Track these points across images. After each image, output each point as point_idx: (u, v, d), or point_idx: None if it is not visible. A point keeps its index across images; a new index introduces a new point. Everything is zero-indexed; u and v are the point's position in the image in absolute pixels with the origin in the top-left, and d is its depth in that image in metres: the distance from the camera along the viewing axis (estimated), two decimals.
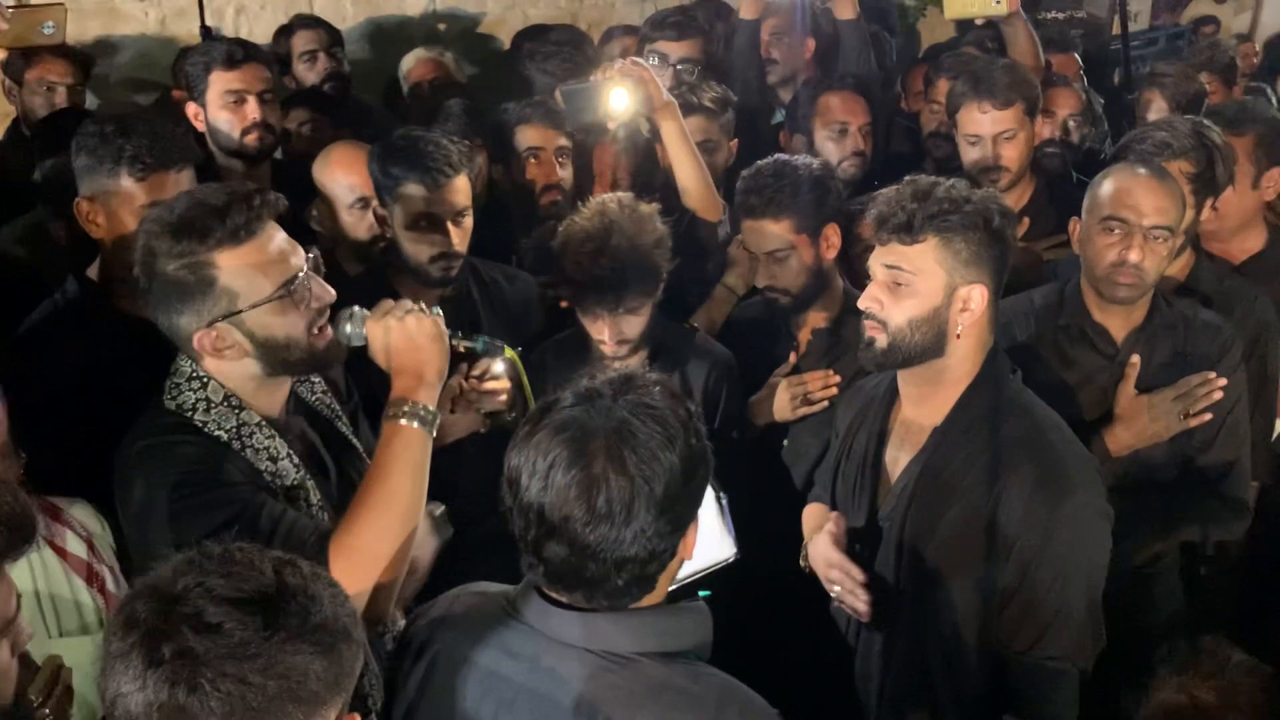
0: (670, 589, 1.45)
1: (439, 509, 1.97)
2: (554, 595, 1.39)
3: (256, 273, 1.73)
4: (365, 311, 1.84)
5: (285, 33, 4.00)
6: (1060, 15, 5.18)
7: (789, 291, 2.57)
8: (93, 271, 2.31)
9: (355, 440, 2.01)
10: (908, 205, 1.90)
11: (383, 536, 1.69)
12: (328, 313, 1.82)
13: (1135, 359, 2.35)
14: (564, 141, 3.04)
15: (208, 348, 1.75)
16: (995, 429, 1.90)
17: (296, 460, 1.83)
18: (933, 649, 1.95)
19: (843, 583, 1.97)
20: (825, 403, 2.53)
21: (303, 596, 1.13)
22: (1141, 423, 2.32)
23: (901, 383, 2.02)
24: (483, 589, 1.55)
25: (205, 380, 1.79)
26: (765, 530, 2.21)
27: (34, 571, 1.72)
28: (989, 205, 1.92)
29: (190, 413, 1.77)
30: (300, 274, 1.77)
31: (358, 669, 1.18)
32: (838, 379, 2.53)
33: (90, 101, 3.78)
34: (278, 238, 1.78)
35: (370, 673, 1.71)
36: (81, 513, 1.88)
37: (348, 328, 1.83)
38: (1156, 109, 3.50)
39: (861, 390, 2.20)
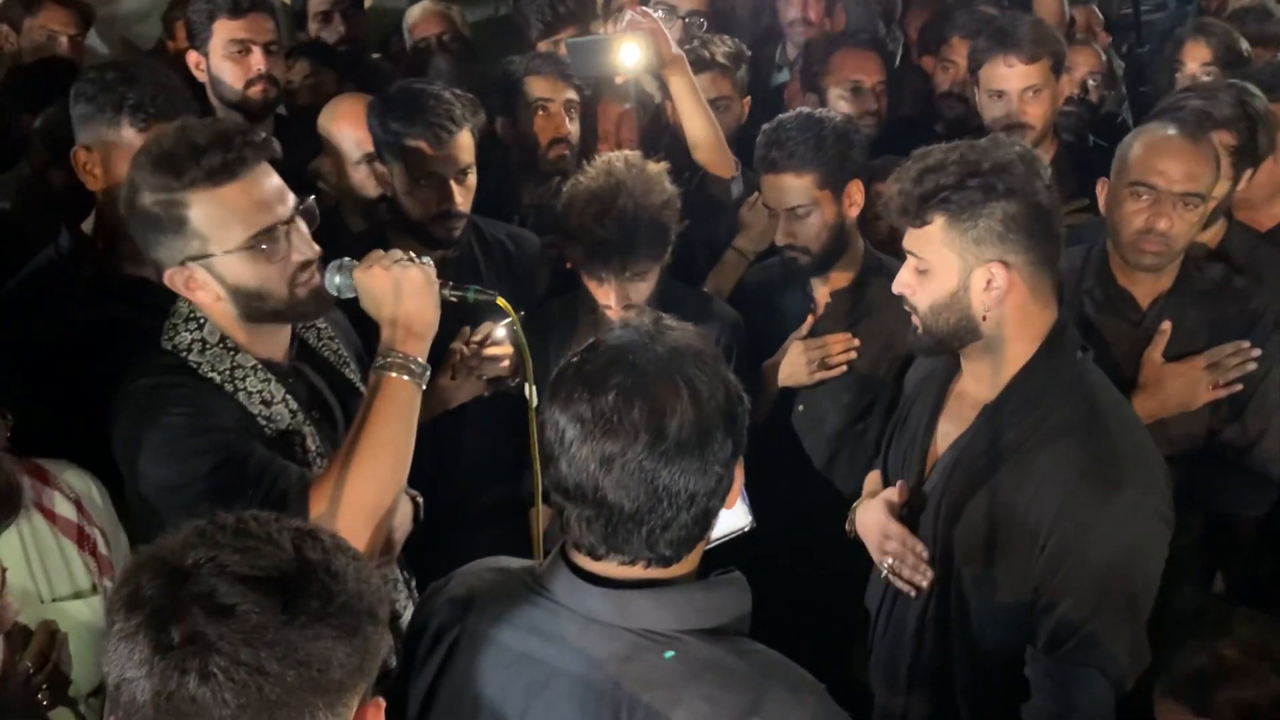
0: None
1: (418, 497, 1.92)
2: (588, 567, 1.30)
3: (231, 218, 1.69)
4: (354, 262, 1.78)
5: None
6: None
7: (809, 250, 2.49)
8: (87, 225, 2.24)
9: (362, 387, 1.95)
10: (907, 187, 1.80)
11: (366, 486, 1.65)
12: (312, 266, 1.76)
13: (1165, 325, 2.28)
14: (573, 95, 2.95)
15: (180, 285, 1.73)
16: (1048, 411, 1.79)
17: (294, 405, 1.80)
18: (957, 639, 1.87)
19: (901, 555, 1.89)
20: (844, 367, 2.47)
21: (324, 574, 1.02)
22: (1167, 391, 2.25)
23: (961, 355, 1.92)
24: (503, 564, 1.46)
25: (202, 321, 1.77)
26: (775, 499, 2.17)
27: (23, 537, 1.67)
28: (1006, 170, 1.76)
29: (186, 353, 1.76)
30: (279, 225, 1.71)
31: (382, 651, 1.08)
32: (857, 343, 2.47)
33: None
34: (263, 183, 1.72)
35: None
36: (71, 475, 1.82)
37: (336, 278, 1.78)
38: (1196, 58, 3.32)
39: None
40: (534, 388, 1.82)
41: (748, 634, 1.33)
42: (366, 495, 1.65)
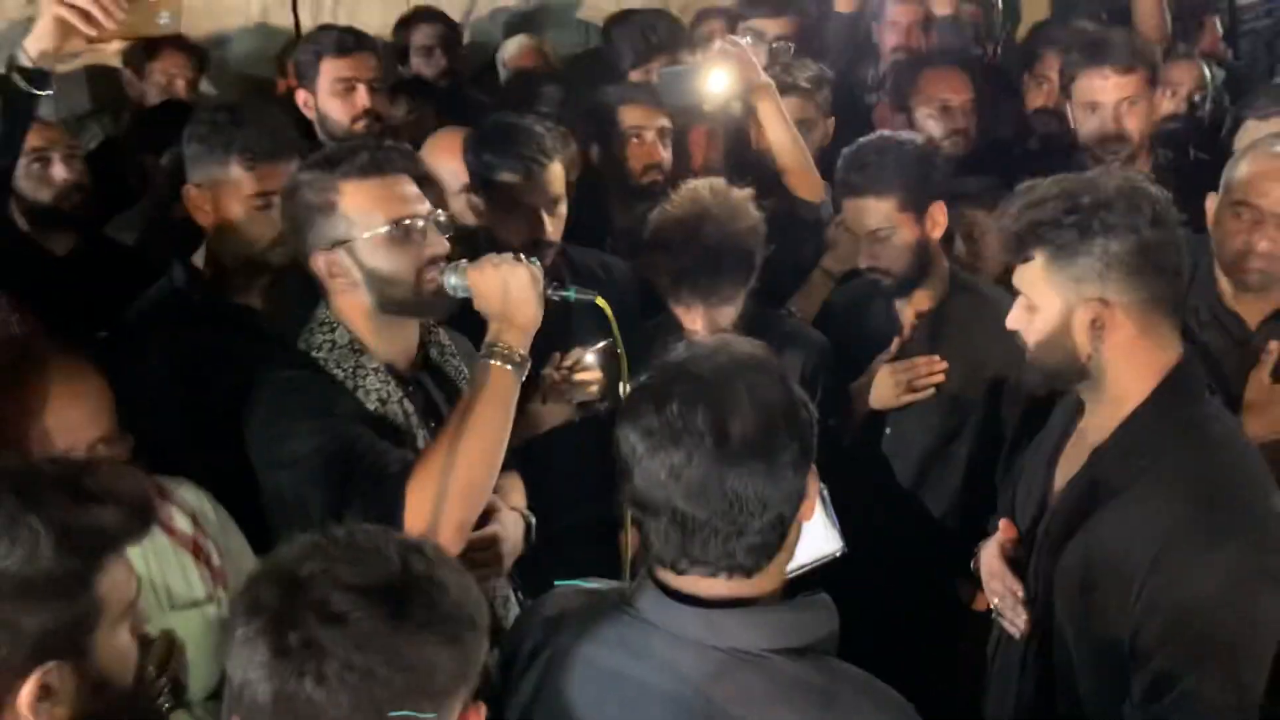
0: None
1: (530, 518, 1.99)
2: (675, 585, 1.32)
3: (374, 206, 1.88)
4: (468, 263, 1.90)
5: (405, 24, 4.06)
6: None
7: (891, 272, 2.49)
8: (198, 259, 2.36)
9: None
10: (1008, 223, 1.76)
11: (461, 464, 1.74)
12: (441, 263, 1.91)
13: (1273, 345, 2.20)
14: (666, 122, 3.00)
15: (323, 269, 1.91)
16: (1159, 455, 1.70)
17: (410, 409, 1.93)
18: (1060, 685, 1.80)
19: (1002, 595, 1.86)
20: (931, 390, 2.46)
21: (428, 584, 1.10)
22: (1275, 413, 2.17)
23: (1080, 393, 1.86)
24: (593, 586, 1.50)
25: (334, 325, 1.93)
26: (866, 524, 2.16)
27: (144, 549, 1.76)
28: (1106, 206, 1.68)
29: (316, 352, 1.92)
30: (417, 218, 1.89)
31: (482, 657, 1.15)
32: (944, 365, 2.45)
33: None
34: (405, 185, 1.93)
35: None
36: (186, 491, 1.92)
37: (451, 278, 1.90)
38: None
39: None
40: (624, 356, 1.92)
41: (835, 654, 1.33)
42: (463, 475, 1.74)
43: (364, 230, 1.87)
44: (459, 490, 1.74)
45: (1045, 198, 1.73)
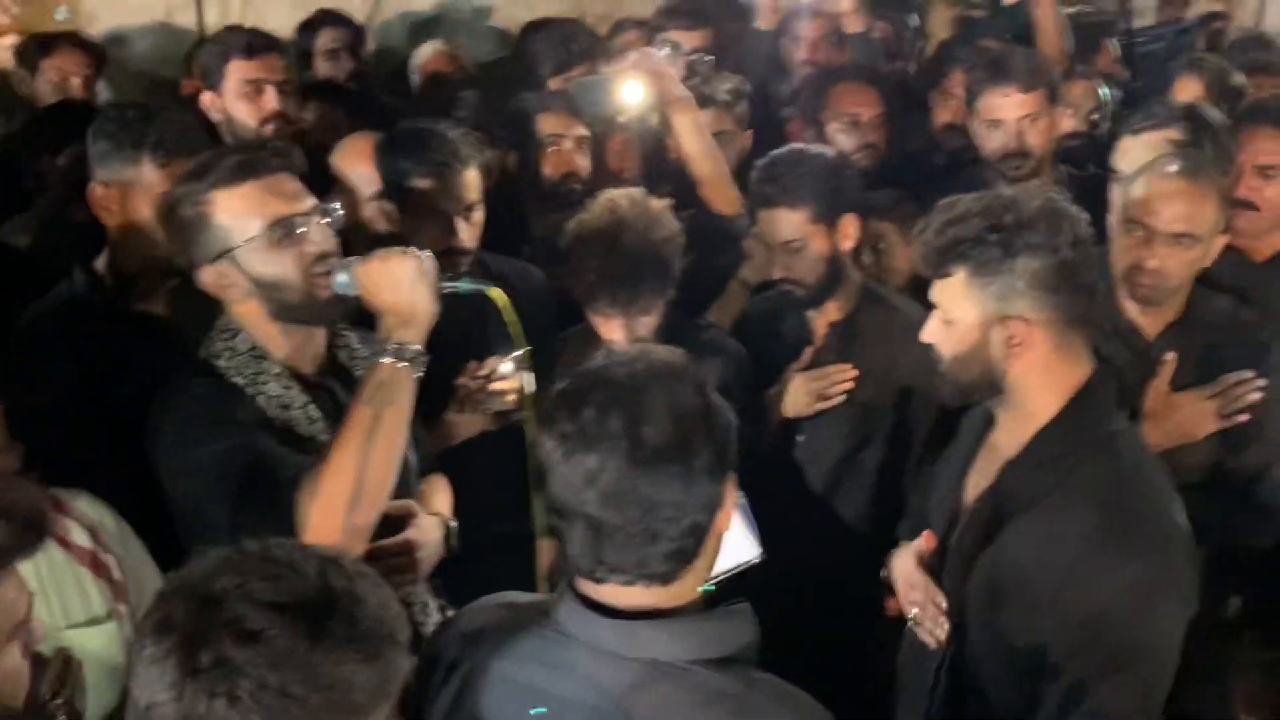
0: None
1: (451, 522, 1.96)
2: (596, 596, 1.32)
3: (249, 211, 1.82)
4: (357, 259, 1.85)
5: (310, 27, 3.97)
6: (1069, 10, 5.13)
7: (804, 283, 2.53)
8: (101, 263, 2.29)
9: None
10: (930, 238, 1.77)
11: (357, 467, 1.70)
12: (330, 259, 1.85)
13: (1170, 356, 2.29)
14: (583, 131, 3.00)
15: (211, 284, 1.87)
16: (1068, 471, 1.73)
17: (316, 414, 1.88)
18: (970, 696, 1.83)
19: (923, 605, 1.87)
20: (843, 397, 2.49)
21: (347, 599, 1.06)
22: (1172, 421, 2.26)
23: (993, 407, 1.89)
24: (511, 599, 1.48)
25: (235, 332, 1.89)
26: (779, 530, 2.18)
27: (38, 565, 1.69)
28: (1028, 226, 1.71)
29: (216, 360, 1.88)
30: (296, 216, 1.83)
31: (403, 673, 1.11)
32: (855, 373, 2.50)
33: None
34: (282, 183, 1.86)
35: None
36: (84, 503, 1.85)
37: (341, 276, 1.85)
38: (1189, 93, 3.34)
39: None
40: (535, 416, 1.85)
41: (756, 664, 1.34)
42: (360, 477, 1.70)
43: (241, 237, 1.82)
44: (356, 493, 1.70)
45: (967, 215, 1.76)
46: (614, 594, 1.31)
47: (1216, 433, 2.28)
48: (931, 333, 1.84)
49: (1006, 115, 2.98)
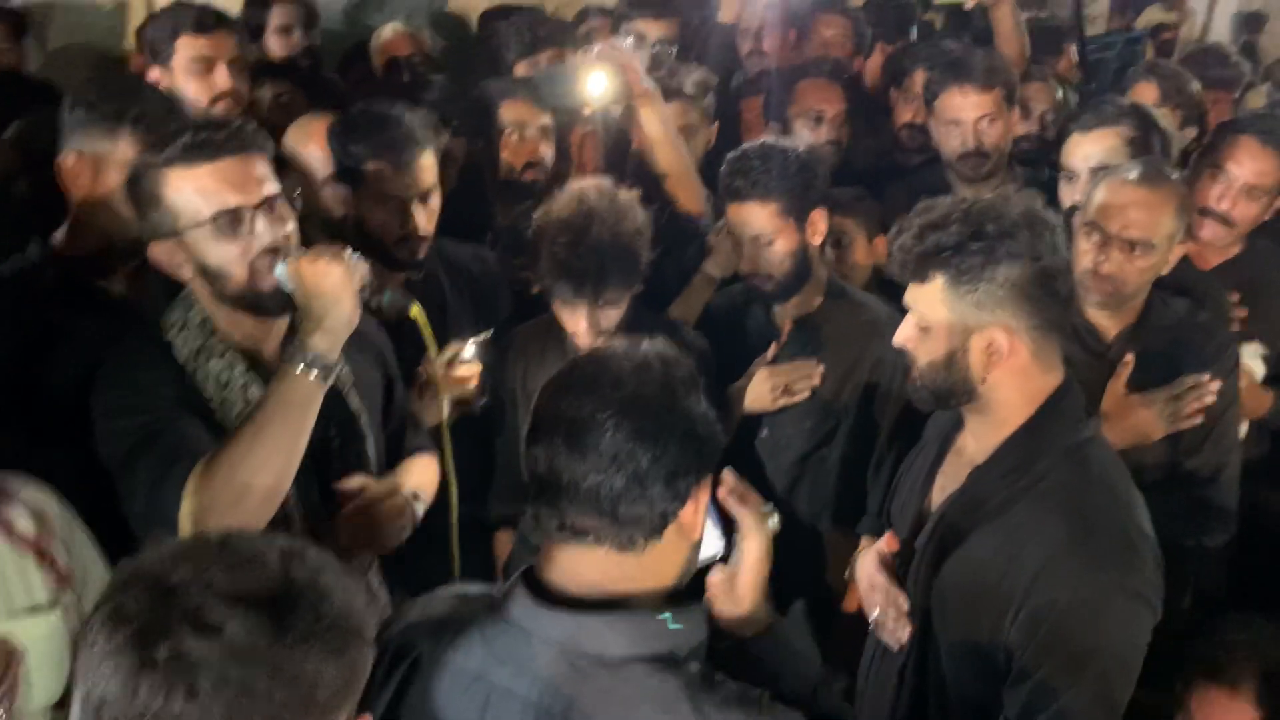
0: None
1: (418, 499, 1.93)
2: (549, 577, 1.32)
3: (198, 196, 1.76)
4: (302, 252, 1.80)
5: (261, 3, 3.88)
6: (1026, 15, 5.19)
7: (772, 278, 2.52)
8: (59, 236, 2.20)
9: (350, 401, 1.98)
10: (908, 242, 1.74)
11: (245, 470, 1.66)
12: (279, 253, 1.79)
13: (1129, 357, 2.32)
14: (547, 120, 2.96)
15: (163, 258, 1.82)
16: (1037, 478, 1.73)
17: (253, 395, 1.82)
18: (933, 700, 1.83)
19: (884, 607, 1.86)
20: (807, 393, 2.49)
21: (312, 593, 1.02)
22: (1129, 423, 2.28)
23: (962, 411, 1.86)
24: (462, 590, 1.47)
25: (191, 304, 1.85)
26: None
27: None
28: (1009, 235, 1.69)
29: (169, 331, 1.84)
30: (245, 208, 1.77)
31: (368, 669, 1.07)
32: (820, 369, 2.49)
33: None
34: (237, 169, 1.78)
35: None
36: (29, 490, 1.78)
37: (280, 269, 1.79)
38: (1145, 98, 3.36)
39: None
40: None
41: (704, 661, 1.33)
42: (246, 481, 1.65)
43: (190, 221, 1.77)
44: (238, 497, 1.65)
45: (947, 220, 1.73)
46: (573, 563, 1.31)
47: (1172, 434, 2.31)
48: (906, 338, 1.82)
49: (964, 115, 3.01)
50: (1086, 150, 2.69)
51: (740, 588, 1.51)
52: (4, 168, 2.72)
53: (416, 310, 1.89)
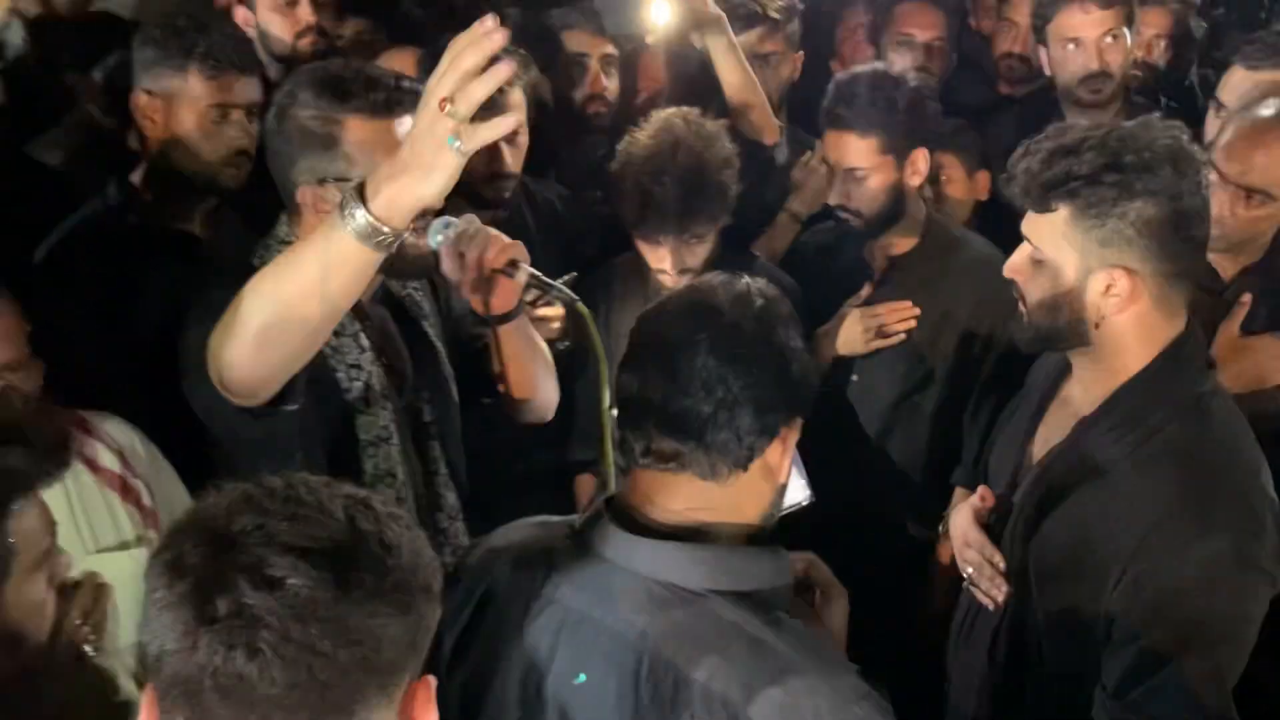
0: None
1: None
2: (633, 504, 1.30)
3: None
4: (457, 222, 1.75)
5: None
6: None
7: (861, 214, 2.41)
8: (137, 177, 2.22)
9: (438, 342, 1.95)
10: (1034, 167, 1.59)
11: (261, 310, 1.46)
12: (426, 221, 1.73)
13: (1246, 298, 2.17)
14: (610, 49, 2.88)
15: (309, 201, 1.74)
16: (1152, 431, 1.61)
17: (365, 343, 1.79)
18: (1030, 662, 1.74)
19: (979, 565, 1.77)
20: (902, 336, 2.39)
21: (378, 546, 0.95)
22: (1242, 365, 2.12)
23: (1070, 357, 1.74)
24: (543, 519, 1.46)
25: (290, 242, 1.77)
26: (830, 472, 2.11)
27: (67, 488, 1.65)
28: (1150, 169, 1.55)
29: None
30: None
31: (434, 626, 1.01)
32: (915, 311, 2.39)
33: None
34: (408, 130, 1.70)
35: None
36: (112, 426, 1.80)
37: (437, 236, 1.74)
38: None
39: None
40: (603, 357, 1.76)
41: (787, 609, 1.29)
42: (256, 317, 1.46)
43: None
44: (251, 334, 1.46)
45: (1082, 146, 1.59)
46: (656, 490, 1.29)
47: None
48: (1017, 269, 1.70)
49: (1086, 33, 2.81)
50: (1246, 90, 2.47)
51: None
52: (91, 109, 2.75)
53: (583, 306, 1.82)
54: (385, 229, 1.39)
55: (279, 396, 1.56)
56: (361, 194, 1.40)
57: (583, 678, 1.28)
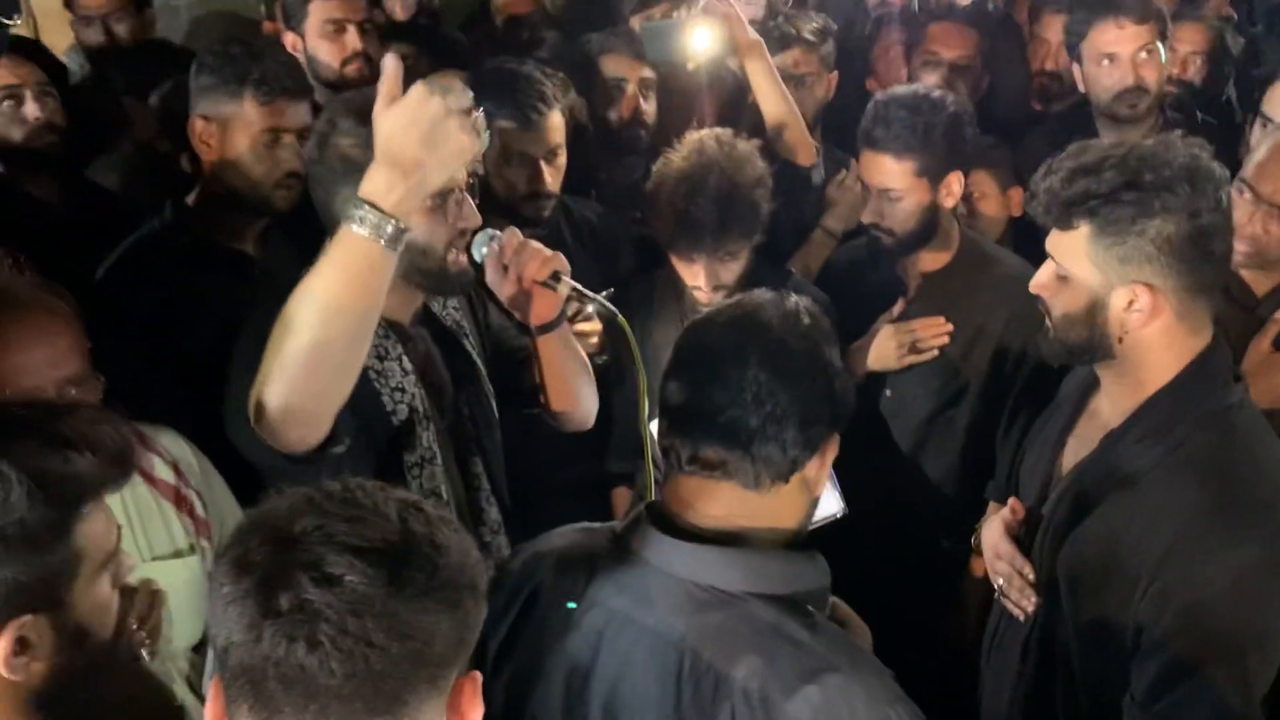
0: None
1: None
2: (674, 509, 1.34)
3: None
4: (501, 235, 1.79)
5: None
6: None
7: (894, 233, 2.43)
8: (191, 198, 2.30)
9: (479, 360, 1.97)
10: (1055, 186, 1.61)
11: (297, 335, 1.47)
12: (469, 236, 1.76)
13: (1277, 314, 2.17)
14: (648, 74, 2.92)
15: None
16: (1177, 444, 1.62)
17: (408, 365, 1.80)
18: (1060, 673, 1.75)
19: (1009, 576, 1.79)
20: (935, 351, 2.40)
21: (429, 547, 1.02)
22: (1274, 381, 2.11)
23: (1098, 370, 1.76)
24: (585, 525, 1.50)
25: None
26: (863, 486, 2.13)
27: (124, 498, 1.71)
28: (1168, 187, 1.56)
29: None
30: (456, 189, 1.72)
31: (481, 623, 1.08)
32: (948, 327, 2.40)
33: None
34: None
35: None
36: (167, 439, 1.87)
37: (481, 249, 1.78)
38: None
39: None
40: (643, 371, 1.80)
41: (825, 611, 1.33)
42: (294, 341, 1.47)
43: None
44: (290, 362, 1.47)
45: (1102, 165, 1.60)
46: (699, 497, 1.32)
47: None
48: (1042, 285, 1.72)
49: (1121, 49, 2.81)
50: None
51: None
52: (147, 133, 2.84)
53: (623, 320, 1.84)
54: (397, 226, 1.47)
55: (326, 440, 1.57)
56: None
57: (572, 605, 1.36)
